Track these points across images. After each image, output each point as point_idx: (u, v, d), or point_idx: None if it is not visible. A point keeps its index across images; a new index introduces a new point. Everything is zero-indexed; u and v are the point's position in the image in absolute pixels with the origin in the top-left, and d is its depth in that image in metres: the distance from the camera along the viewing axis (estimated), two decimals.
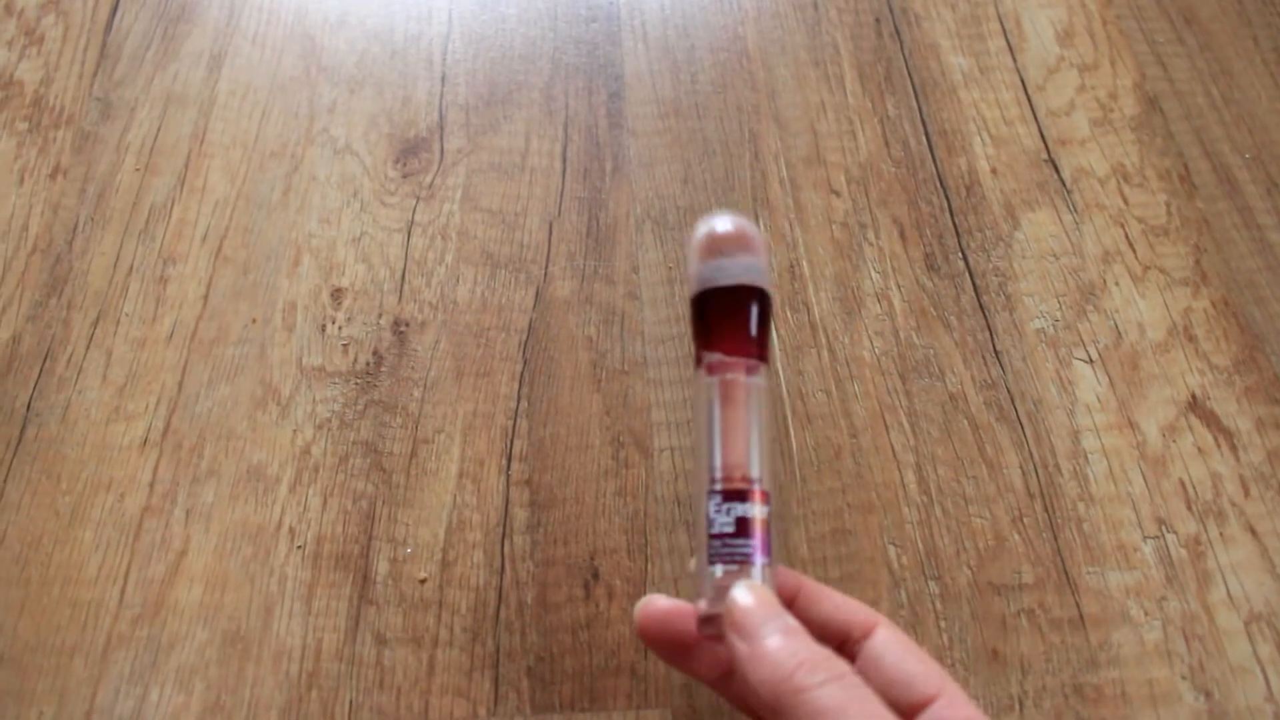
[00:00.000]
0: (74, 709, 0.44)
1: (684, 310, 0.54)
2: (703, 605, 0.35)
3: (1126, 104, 0.63)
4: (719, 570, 0.35)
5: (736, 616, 0.32)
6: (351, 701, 0.44)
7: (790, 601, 0.35)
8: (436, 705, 0.44)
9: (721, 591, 0.34)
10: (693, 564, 0.38)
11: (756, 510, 0.35)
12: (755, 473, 0.36)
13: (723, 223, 0.38)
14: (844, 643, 0.35)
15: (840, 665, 0.30)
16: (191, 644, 0.45)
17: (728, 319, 0.37)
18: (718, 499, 0.35)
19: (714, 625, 0.34)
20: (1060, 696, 0.45)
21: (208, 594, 0.47)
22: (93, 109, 0.61)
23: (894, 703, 0.32)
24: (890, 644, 0.34)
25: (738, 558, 0.34)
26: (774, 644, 0.31)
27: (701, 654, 0.37)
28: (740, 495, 0.35)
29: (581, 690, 0.45)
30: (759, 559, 0.35)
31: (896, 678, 0.33)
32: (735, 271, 0.37)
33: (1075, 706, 0.44)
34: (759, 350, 0.37)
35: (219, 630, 0.46)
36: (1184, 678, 0.45)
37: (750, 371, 0.37)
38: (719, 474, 0.36)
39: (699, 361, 0.38)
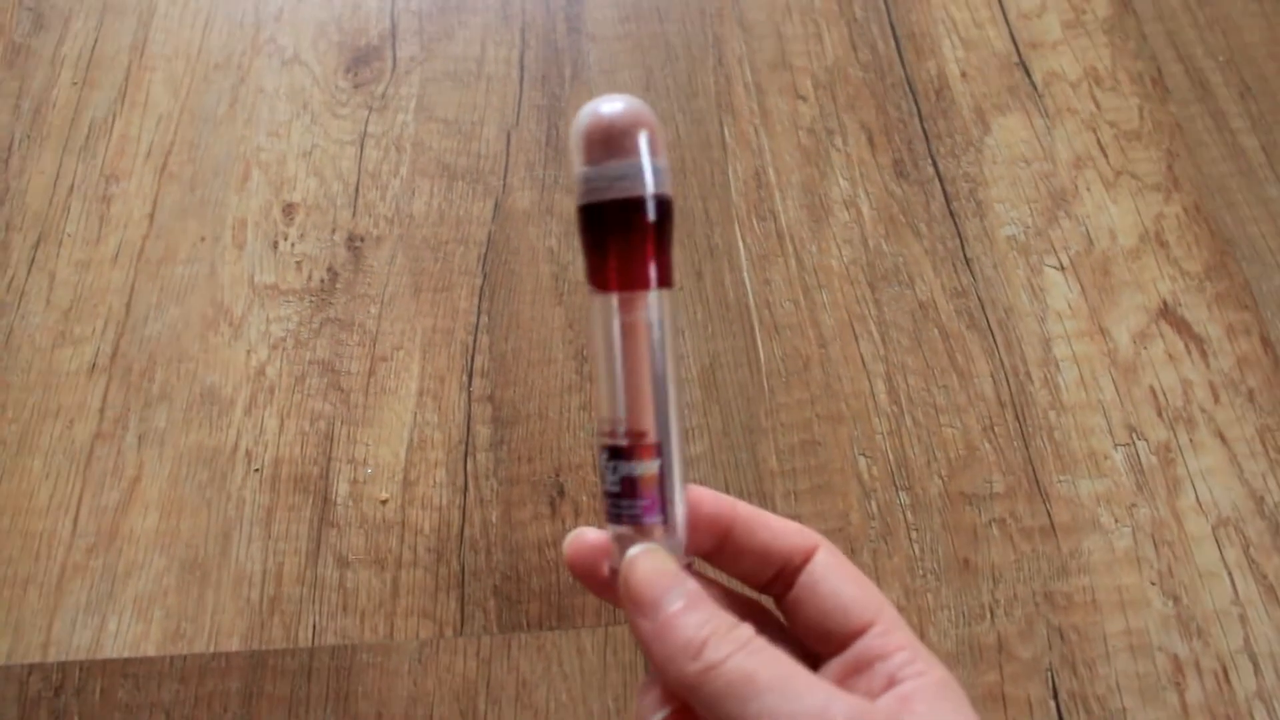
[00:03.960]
0: (30, 640, 0.43)
1: None
2: (611, 555, 0.32)
3: (1099, 6, 0.61)
4: (618, 528, 0.31)
5: (632, 592, 0.29)
6: (315, 625, 0.43)
7: (724, 533, 0.34)
8: (402, 627, 0.44)
9: (622, 550, 0.31)
10: None
11: (642, 469, 0.31)
12: (646, 423, 0.31)
13: (609, 106, 0.30)
14: (784, 569, 0.34)
15: (745, 631, 0.28)
16: (149, 572, 0.44)
17: (615, 240, 0.31)
18: (605, 455, 0.32)
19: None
20: (1031, 604, 0.45)
21: (164, 521, 0.45)
22: (24, 20, 0.58)
23: (829, 632, 0.31)
24: (828, 569, 0.33)
25: (625, 519, 0.31)
26: (677, 618, 0.28)
27: None
28: (626, 453, 0.31)
29: (549, 608, 0.44)
30: (650, 519, 0.31)
31: (833, 606, 0.31)
32: (624, 177, 0.30)
33: (1046, 613, 0.44)
34: (658, 274, 0.31)
35: (176, 557, 0.45)
36: (1153, 583, 0.45)
37: (646, 300, 0.31)
38: (605, 426, 0.32)
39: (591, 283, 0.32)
